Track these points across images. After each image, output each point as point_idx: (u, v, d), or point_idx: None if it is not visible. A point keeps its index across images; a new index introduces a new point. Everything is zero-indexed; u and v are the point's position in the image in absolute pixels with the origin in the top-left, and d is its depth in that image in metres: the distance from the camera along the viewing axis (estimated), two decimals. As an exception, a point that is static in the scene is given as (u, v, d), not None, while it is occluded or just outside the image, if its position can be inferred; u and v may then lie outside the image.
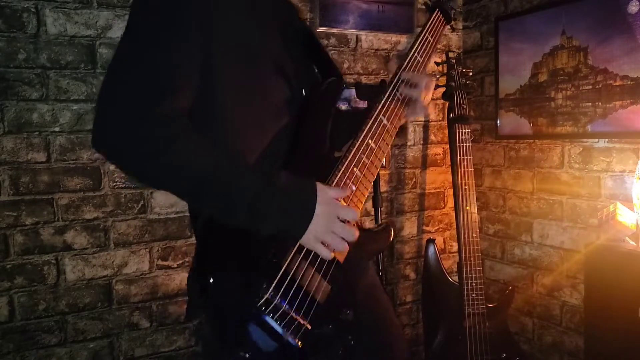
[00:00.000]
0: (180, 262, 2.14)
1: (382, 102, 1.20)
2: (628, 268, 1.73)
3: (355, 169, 1.12)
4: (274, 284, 0.97)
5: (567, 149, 2.28)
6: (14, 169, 1.86)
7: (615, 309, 1.75)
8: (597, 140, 2.15)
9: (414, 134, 2.69)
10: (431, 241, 2.39)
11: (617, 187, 2.08)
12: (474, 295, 2.20)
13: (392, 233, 1.25)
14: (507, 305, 2.30)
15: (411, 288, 2.73)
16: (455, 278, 2.30)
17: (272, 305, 0.96)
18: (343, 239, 1.01)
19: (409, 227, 2.71)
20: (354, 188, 1.11)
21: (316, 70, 1.23)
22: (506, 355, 2.23)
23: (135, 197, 2.06)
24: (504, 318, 2.28)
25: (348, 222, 1.02)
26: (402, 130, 2.65)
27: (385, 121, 1.19)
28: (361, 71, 2.50)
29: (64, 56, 1.91)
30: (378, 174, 2.31)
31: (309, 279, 1.03)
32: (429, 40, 1.32)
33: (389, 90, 1.22)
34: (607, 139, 2.12)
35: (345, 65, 2.47)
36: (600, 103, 2.10)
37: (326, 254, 1.01)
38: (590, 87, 2.14)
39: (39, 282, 1.92)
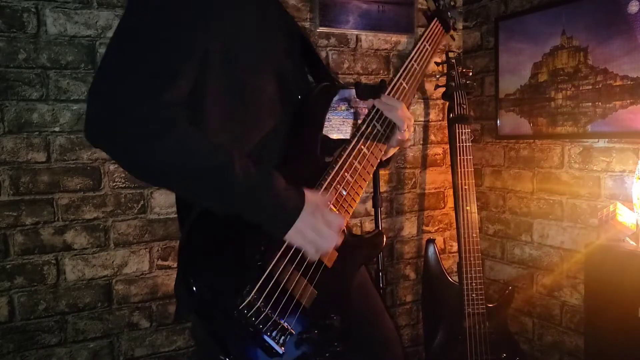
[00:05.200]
0: (180, 262, 2.14)
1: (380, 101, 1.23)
2: (628, 268, 1.73)
3: (346, 173, 1.12)
4: (257, 287, 0.96)
5: (567, 149, 2.28)
6: (14, 169, 1.86)
7: (615, 309, 1.75)
8: (597, 140, 2.15)
9: (414, 134, 2.69)
10: (431, 241, 2.40)
11: (617, 187, 2.08)
12: (474, 295, 2.20)
13: (384, 240, 1.27)
14: (507, 305, 2.30)
15: (411, 288, 2.73)
16: (455, 278, 2.30)
17: (255, 309, 0.94)
18: (327, 241, 1.01)
19: (409, 227, 2.71)
20: (344, 192, 1.11)
21: (310, 78, 1.25)
22: (506, 355, 2.23)
23: (135, 197, 2.06)
24: (503, 318, 2.28)
25: (334, 226, 1.02)
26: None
27: (378, 127, 1.21)
28: (361, 71, 2.50)
29: (64, 56, 1.91)
30: (378, 173, 2.32)
31: (294, 282, 1.02)
32: (427, 49, 1.37)
33: (393, 83, 1.25)
34: (607, 139, 2.12)
35: (345, 65, 2.47)
36: (600, 103, 2.10)
37: (312, 252, 1.01)
38: (590, 87, 2.14)
39: (39, 282, 1.92)
